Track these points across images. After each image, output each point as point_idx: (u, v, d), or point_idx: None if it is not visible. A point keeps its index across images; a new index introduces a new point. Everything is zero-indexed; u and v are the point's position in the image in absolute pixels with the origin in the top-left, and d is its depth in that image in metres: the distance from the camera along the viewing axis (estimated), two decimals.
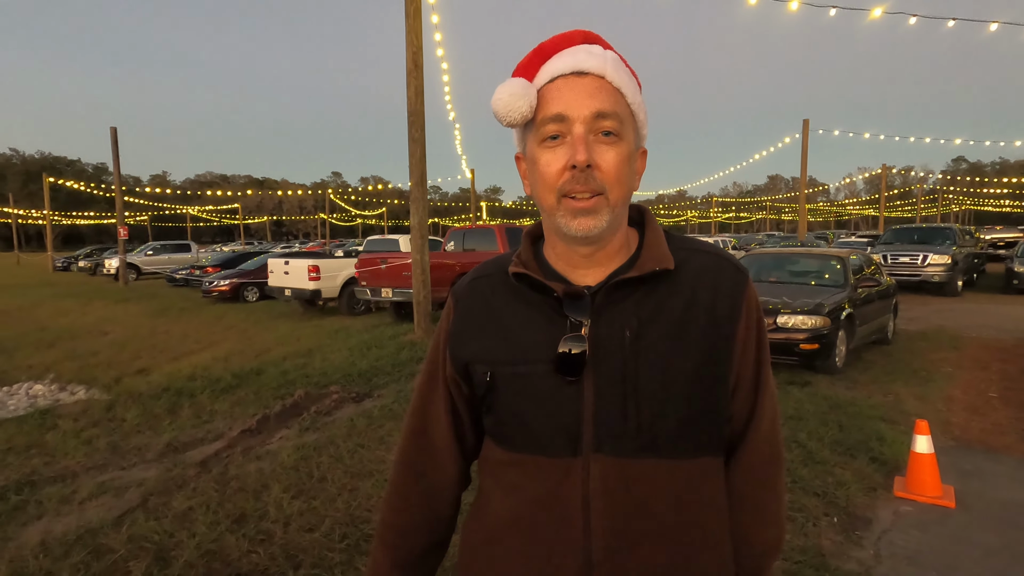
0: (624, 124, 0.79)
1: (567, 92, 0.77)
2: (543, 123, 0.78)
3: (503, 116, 0.80)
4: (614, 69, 0.79)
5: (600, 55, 0.79)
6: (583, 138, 0.76)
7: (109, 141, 20.35)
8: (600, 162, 0.76)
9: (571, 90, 0.77)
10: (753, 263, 7.99)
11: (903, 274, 12.38)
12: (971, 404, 5.13)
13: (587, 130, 0.76)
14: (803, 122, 21.49)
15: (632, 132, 0.81)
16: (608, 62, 0.79)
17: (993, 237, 22.78)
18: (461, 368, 0.88)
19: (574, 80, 0.78)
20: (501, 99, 0.79)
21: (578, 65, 0.78)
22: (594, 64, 0.78)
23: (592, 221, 0.77)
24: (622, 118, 0.78)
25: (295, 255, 13.44)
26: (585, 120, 0.76)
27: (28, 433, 4.86)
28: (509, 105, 0.78)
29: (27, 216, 48.88)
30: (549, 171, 0.78)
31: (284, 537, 2.94)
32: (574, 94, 0.77)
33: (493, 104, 0.80)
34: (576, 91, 0.77)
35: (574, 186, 0.76)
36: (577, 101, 0.77)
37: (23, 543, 2.98)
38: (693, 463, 0.81)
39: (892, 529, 3.04)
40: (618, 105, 0.78)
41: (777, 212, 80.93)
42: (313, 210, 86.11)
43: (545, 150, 0.78)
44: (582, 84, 0.77)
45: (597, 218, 0.77)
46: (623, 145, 0.78)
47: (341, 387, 5.90)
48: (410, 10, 8.03)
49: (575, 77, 0.78)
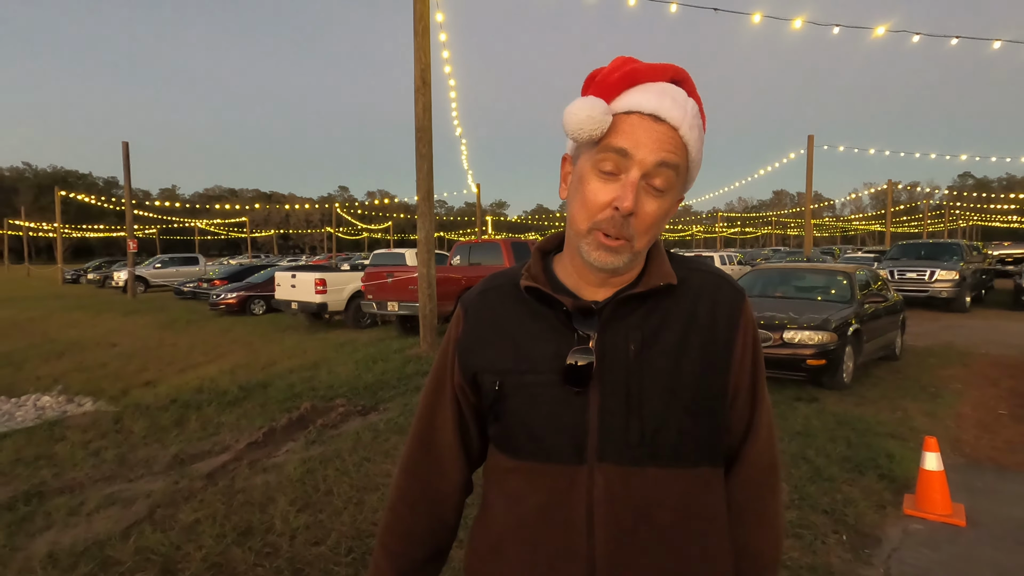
0: (677, 179, 0.80)
1: (640, 133, 0.77)
2: (605, 150, 0.78)
3: (572, 132, 0.79)
4: (690, 125, 0.79)
5: (683, 105, 0.79)
6: (635, 185, 0.77)
7: (120, 155, 20.67)
8: (640, 212, 0.78)
9: (644, 132, 0.77)
10: (759, 278, 7.98)
11: (910, 290, 12.32)
12: (981, 421, 5.09)
13: (642, 177, 0.78)
14: (808, 138, 21.56)
15: (681, 186, 0.83)
16: (688, 115, 0.79)
17: (1001, 253, 22.63)
18: (470, 377, 0.90)
19: (650, 123, 0.78)
20: (577, 117, 0.77)
21: (661, 110, 0.78)
22: (676, 115, 0.78)
23: (612, 258, 0.80)
24: (678, 173, 0.80)
25: (302, 268, 13.52)
26: (645, 167, 0.77)
27: (37, 444, 4.89)
28: (583, 125, 0.77)
29: (38, 229, 49.46)
30: (594, 200, 0.79)
31: (290, 550, 2.94)
32: (646, 137, 0.77)
33: (567, 116, 0.79)
34: (649, 135, 0.77)
35: (609, 227, 0.78)
36: (646, 146, 0.77)
37: (31, 554, 2.99)
38: (694, 472, 0.83)
39: (902, 547, 3.00)
40: (679, 160, 0.79)
41: (783, 227, 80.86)
42: (320, 224, 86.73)
43: (597, 178, 0.79)
44: (657, 130, 0.78)
45: (618, 257, 0.80)
46: (668, 199, 0.81)
47: (347, 400, 5.90)
48: (418, 29, 8.17)
49: (652, 120, 0.78)
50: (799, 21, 9.74)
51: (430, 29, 8.25)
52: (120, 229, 42.47)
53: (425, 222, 8.43)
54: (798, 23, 9.74)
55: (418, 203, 8.47)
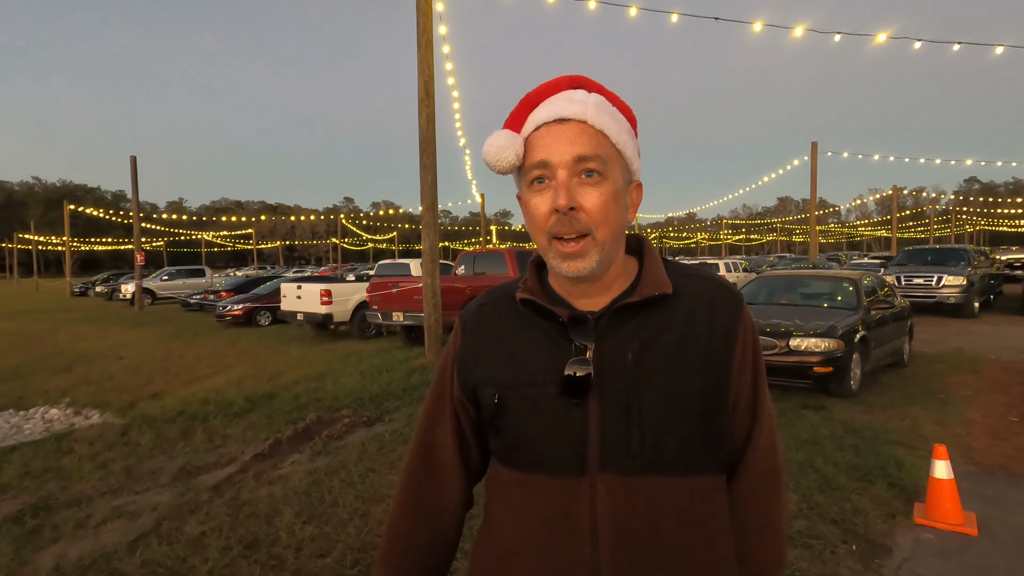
0: (608, 164, 0.82)
1: (549, 139, 0.82)
2: (530, 169, 0.83)
3: (492, 165, 0.84)
4: (595, 113, 0.82)
5: (581, 101, 0.83)
6: (565, 183, 0.80)
7: (128, 169, 20.88)
8: (584, 203, 0.80)
9: (553, 137, 0.81)
10: (764, 285, 7.95)
11: (918, 296, 12.24)
12: (992, 428, 5.03)
13: (569, 174, 0.80)
14: (812, 144, 21.55)
15: (619, 170, 0.84)
16: (589, 107, 0.82)
17: (1009, 258, 22.50)
18: (469, 391, 0.90)
19: (556, 127, 0.82)
20: (490, 151, 0.84)
21: (559, 113, 0.82)
22: (574, 110, 0.82)
23: (581, 263, 0.82)
24: (605, 159, 0.82)
25: (307, 279, 13.58)
26: (566, 165, 0.80)
27: (44, 457, 4.91)
28: (497, 156, 0.83)
29: (47, 242, 49.92)
30: (538, 213, 0.83)
31: (296, 563, 2.93)
32: (555, 140, 0.81)
33: (484, 155, 0.84)
34: (557, 138, 0.81)
35: (560, 228, 0.81)
36: (558, 147, 0.81)
37: (39, 567, 3.00)
38: (696, 480, 0.83)
39: (913, 557, 2.96)
40: (600, 147, 0.82)
41: (788, 234, 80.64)
42: (325, 235, 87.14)
43: (533, 194, 0.83)
44: (563, 131, 0.81)
45: (586, 260, 0.81)
46: (608, 184, 0.82)
47: (352, 411, 5.91)
48: (422, 41, 8.25)
49: (557, 124, 0.82)
50: (800, 29, 9.77)
51: (433, 42, 8.33)
52: (128, 242, 42.84)
53: (429, 232, 8.46)
54: (799, 31, 9.78)
55: (422, 214, 8.51)
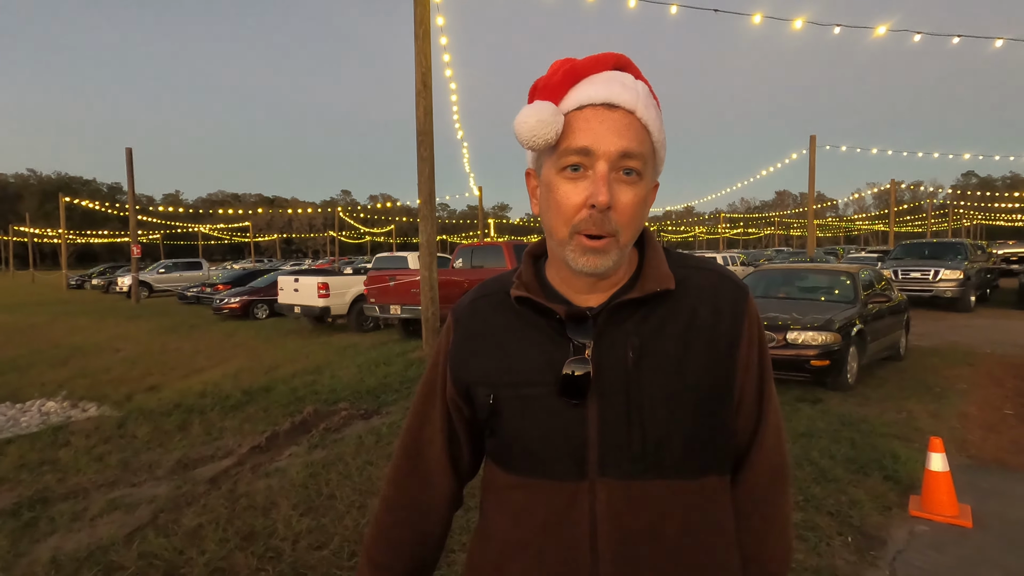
0: (646, 163, 0.77)
1: (596, 125, 0.74)
2: (566, 153, 0.75)
3: (525, 140, 0.76)
4: (645, 105, 0.76)
5: (633, 87, 0.76)
6: (606, 177, 0.73)
7: (124, 161, 20.75)
8: (618, 203, 0.74)
9: (601, 123, 0.74)
10: (762, 279, 7.95)
11: (914, 290, 12.27)
12: (987, 421, 5.05)
13: (610, 168, 0.74)
14: (810, 138, 21.53)
15: (652, 170, 0.79)
16: (640, 96, 0.76)
17: (1006, 252, 22.53)
18: (463, 390, 0.86)
19: (604, 113, 0.75)
20: (528, 123, 0.75)
21: (612, 97, 0.75)
22: (627, 99, 0.75)
23: (600, 260, 0.76)
24: (645, 157, 0.76)
25: (305, 272, 13.55)
26: (611, 158, 0.74)
27: (41, 450, 4.90)
28: (535, 131, 0.75)
29: (43, 235, 49.71)
30: (567, 203, 0.75)
31: (293, 555, 2.94)
32: (604, 128, 0.74)
33: (517, 126, 0.76)
34: (606, 126, 0.74)
35: (590, 226, 0.74)
36: (606, 137, 0.74)
37: (35, 559, 3.00)
38: (699, 483, 0.80)
39: (908, 549, 2.98)
40: (642, 144, 0.76)
41: (785, 228, 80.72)
42: (323, 228, 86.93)
43: (565, 180, 0.76)
44: (612, 119, 0.74)
45: (606, 258, 0.76)
46: (642, 185, 0.77)
47: (350, 404, 5.90)
48: (419, 32, 8.19)
49: (605, 109, 0.75)
50: (799, 22, 9.73)
51: (430, 33, 8.27)
52: (124, 235, 42.66)
53: (427, 225, 8.43)
54: (799, 23, 9.73)
55: (420, 206, 8.48)
